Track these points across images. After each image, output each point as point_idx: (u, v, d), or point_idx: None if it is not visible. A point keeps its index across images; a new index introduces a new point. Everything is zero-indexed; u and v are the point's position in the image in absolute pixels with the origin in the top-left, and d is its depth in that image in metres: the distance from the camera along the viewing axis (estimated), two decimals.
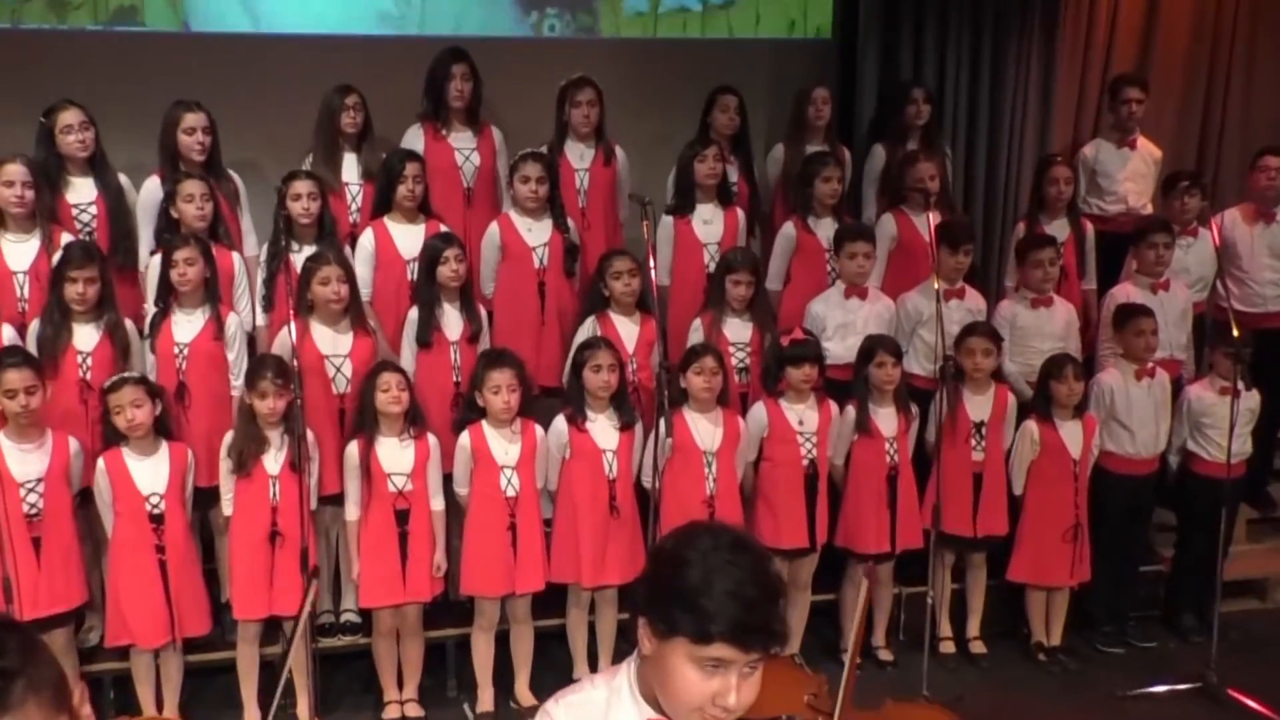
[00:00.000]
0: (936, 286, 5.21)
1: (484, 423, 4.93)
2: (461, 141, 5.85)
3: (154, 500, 4.70)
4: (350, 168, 5.71)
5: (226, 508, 4.86)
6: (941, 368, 5.13)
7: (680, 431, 5.02)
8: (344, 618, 5.27)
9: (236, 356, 5.04)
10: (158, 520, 4.70)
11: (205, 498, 4.95)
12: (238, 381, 5.00)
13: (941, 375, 5.12)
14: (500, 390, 4.85)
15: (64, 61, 5.96)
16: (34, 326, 4.93)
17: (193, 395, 4.97)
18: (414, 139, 5.84)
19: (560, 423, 5.03)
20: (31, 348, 4.84)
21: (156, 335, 4.98)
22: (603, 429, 5.01)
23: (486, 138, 5.90)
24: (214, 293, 5.05)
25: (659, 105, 6.50)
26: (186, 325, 4.99)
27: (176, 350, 4.96)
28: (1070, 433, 5.35)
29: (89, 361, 4.89)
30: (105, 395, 4.67)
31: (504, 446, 4.92)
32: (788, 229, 5.84)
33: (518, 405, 4.90)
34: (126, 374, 4.73)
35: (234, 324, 5.07)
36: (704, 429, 5.04)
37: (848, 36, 6.78)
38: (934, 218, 5.47)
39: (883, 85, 6.48)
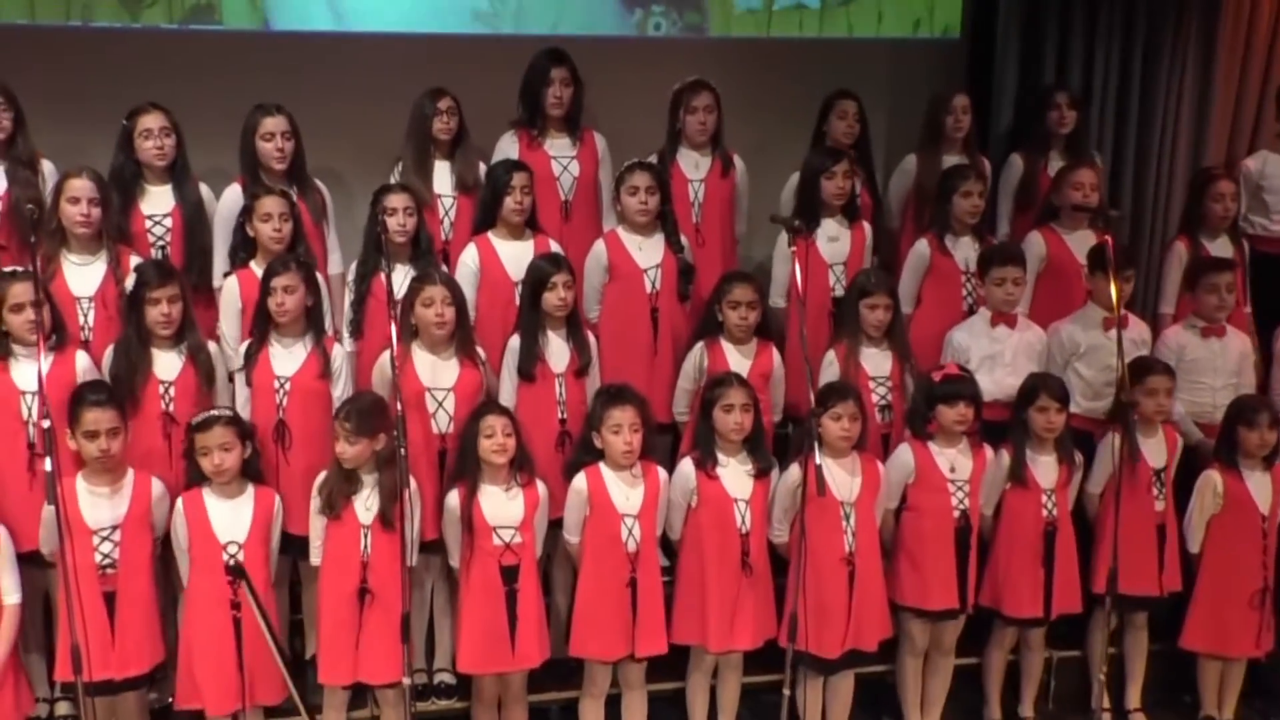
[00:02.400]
0: (1114, 312, 4.60)
1: (602, 465, 4.41)
2: (559, 150, 5.35)
3: (232, 550, 4.22)
4: (443, 178, 5.22)
5: (315, 556, 4.37)
6: (1120, 408, 4.53)
7: (815, 481, 4.46)
8: (438, 678, 4.75)
9: (343, 391, 4.55)
10: (237, 573, 4.18)
11: (301, 545, 4.46)
12: None
13: (1120, 417, 4.52)
14: (622, 430, 4.33)
15: (136, 62, 5.55)
16: (107, 357, 4.46)
17: (293, 434, 4.48)
18: (507, 147, 5.35)
19: (686, 466, 4.49)
20: (109, 377, 4.39)
21: (252, 368, 4.49)
22: (735, 475, 4.47)
23: (588, 145, 5.39)
24: (317, 322, 4.57)
25: (768, 110, 5.97)
26: (287, 358, 4.50)
27: (276, 385, 4.47)
28: (1259, 485, 4.74)
29: (172, 392, 4.42)
30: (191, 432, 4.21)
31: (625, 492, 4.39)
32: (921, 248, 5.28)
33: (640, 447, 4.37)
34: (218, 411, 4.26)
35: (339, 357, 4.58)
36: (840, 477, 4.48)
37: (978, 36, 6.23)
38: (1090, 235, 4.91)
39: (1021, 89, 5.90)
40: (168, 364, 4.43)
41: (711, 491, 4.46)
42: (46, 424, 3.66)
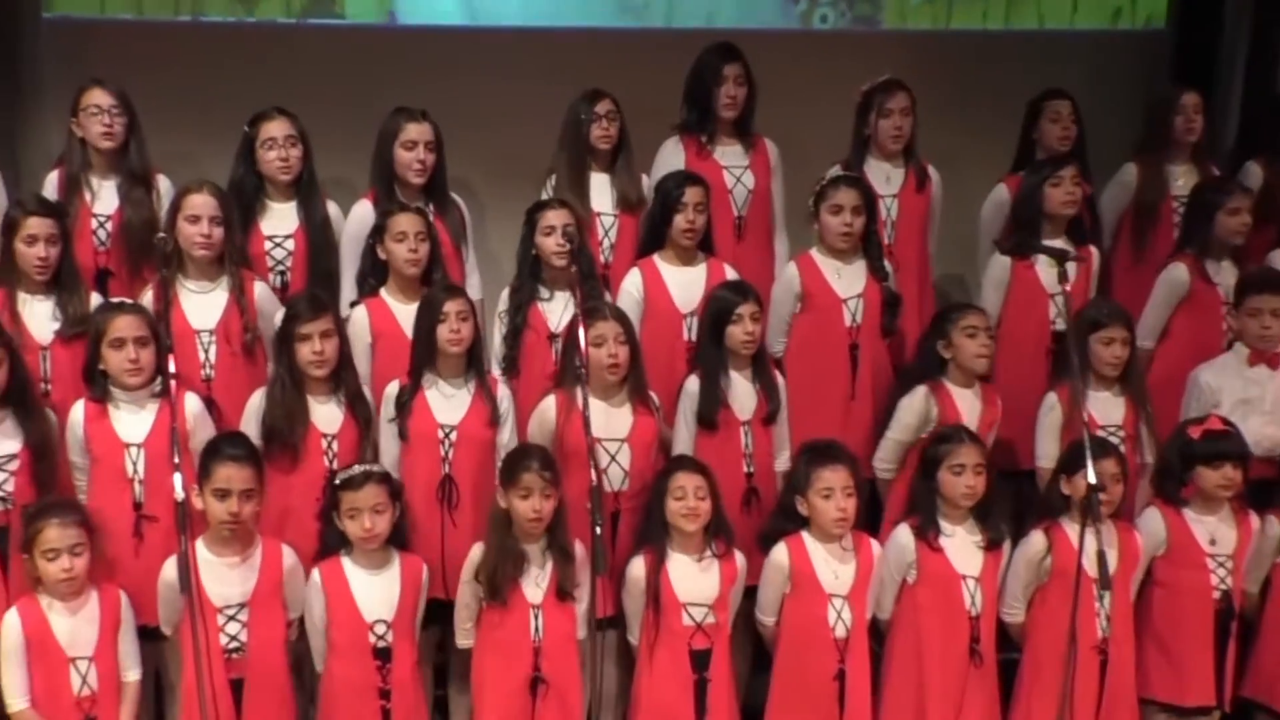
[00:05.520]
0: None
1: (805, 535, 3.76)
2: (731, 159, 4.70)
3: (379, 630, 3.62)
4: (602, 193, 4.58)
5: (463, 639, 3.77)
6: None
7: (1063, 552, 3.78)
8: None
9: (509, 439, 3.93)
10: (383, 656, 3.63)
11: (444, 612, 3.84)
12: None
13: None
14: (833, 494, 3.68)
15: (250, 61, 5.07)
16: (254, 404, 3.87)
17: (461, 492, 3.86)
18: (671, 156, 4.71)
19: (904, 536, 3.82)
20: (249, 430, 3.80)
21: (408, 416, 3.87)
22: (962, 547, 3.80)
23: (760, 153, 4.74)
24: (479, 361, 3.96)
25: (951, 113, 5.27)
26: (449, 403, 3.88)
27: (441, 435, 3.85)
28: None
29: (335, 446, 3.83)
30: (338, 491, 3.62)
31: (833, 568, 3.74)
32: (1177, 274, 4.54)
33: (855, 515, 3.71)
34: (369, 467, 3.67)
35: (506, 399, 3.96)
36: (1090, 548, 3.77)
37: (1187, 27, 5.49)
38: None
39: (1250, 88, 5.15)
40: (328, 413, 3.85)
41: (934, 566, 3.78)
42: (180, 495, 3.06)
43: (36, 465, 3.67)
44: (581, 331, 3.41)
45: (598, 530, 3.18)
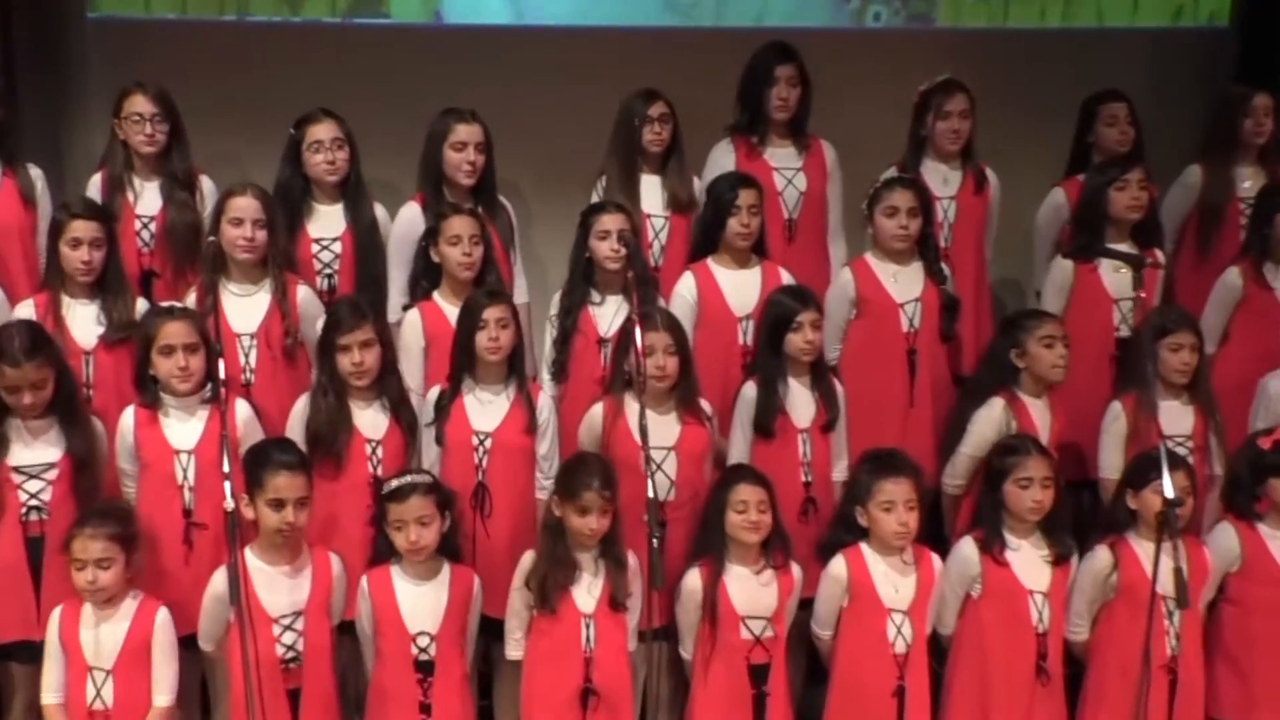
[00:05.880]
0: None
1: (864, 547, 3.65)
2: (783, 160, 4.59)
3: (422, 642, 3.54)
4: (652, 195, 4.49)
5: (513, 650, 3.68)
6: None
7: (1130, 568, 3.66)
8: None
9: (549, 448, 3.84)
10: (425, 669, 3.54)
11: (498, 627, 3.75)
12: (548, 481, 3.80)
13: None
14: (895, 507, 3.57)
15: (295, 61, 5.01)
16: (298, 410, 3.80)
17: (495, 501, 3.77)
18: (722, 157, 4.61)
19: (968, 549, 3.70)
20: (294, 436, 3.73)
21: (445, 421, 3.79)
22: (1029, 562, 3.67)
23: (815, 155, 4.63)
24: (520, 367, 3.86)
25: (1007, 113, 5.14)
26: (486, 409, 3.79)
27: (476, 442, 3.77)
28: None
29: (379, 453, 3.75)
30: (385, 501, 3.54)
31: (894, 581, 3.63)
32: (1230, 277, 4.42)
33: (916, 528, 3.60)
34: (415, 478, 3.57)
35: (546, 407, 3.86)
36: (1164, 565, 3.62)
37: (1252, 25, 5.34)
38: None
39: None
40: (371, 420, 3.77)
41: (1000, 581, 3.66)
42: (230, 505, 2.98)
43: (77, 476, 3.60)
44: (639, 335, 3.31)
45: (654, 543, 3.07)
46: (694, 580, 3.61)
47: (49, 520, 3.58)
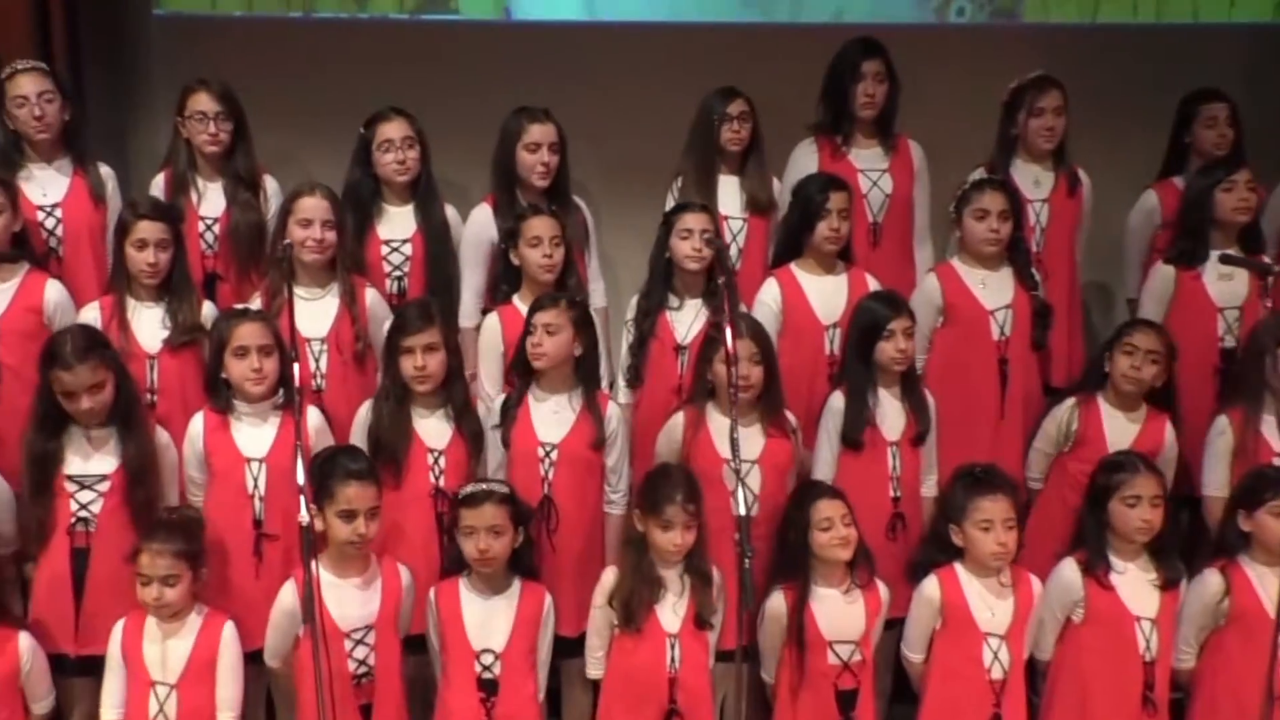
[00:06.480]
0: None
1: (959, 567, 3.47)
2: (868, 161, 4.41)
3: (486, 660, 3.41)
4: (730, 196, 4.32)
5: (594, 669, 3.54)
6: None
7: (1243, 594, 3.45)
8: None
9: (617, 461, 3.69)
10: (489, 688, 3.41)
11: (565, 646, 3.62)
12: (616, 495, 3.66)
13: None
14: (993, 527, 3.39)
15: (361, 59, 4.87)
16: (361, 416, 3.68)
17: (562, 514, 3.63)
18: (805, 158, 4.44)
19: (1070, 572, 3.51)
20: (358, 444, 3.62)
21: (512, 426, 3.65)
22: (1136, 586, 3.48)
23: (902, 155, 4.45)
24: (588, 375, 3.71)
25: (1098, 113, 4.92)
26: (554, 419, 3.64)
27: (542, 452, 3.63)
28: None
29: (442, 463, 3.61)
30: (458, 506, 3.41)
31: (990, 604, 3.44)
32: None
33: (1015, 548, 3.41)
34: (492, 485, 3.45)
35: (615, 418, 3.71)
36: (1273, 589, 3.43)
37: None
38: None
39: None
40: (435, 429, 3.64)
41: (1105, 606, 3.47)
42: (305, 519, 2.85)
43: (130, 488, 3.48)
44: (730, 340, 3.15)
45: (746, 563, 2.91)
46: (778, 603, 3.45)
47: (95, 533, 3.47)
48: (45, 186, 4.09)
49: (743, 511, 2.91)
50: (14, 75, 4.06)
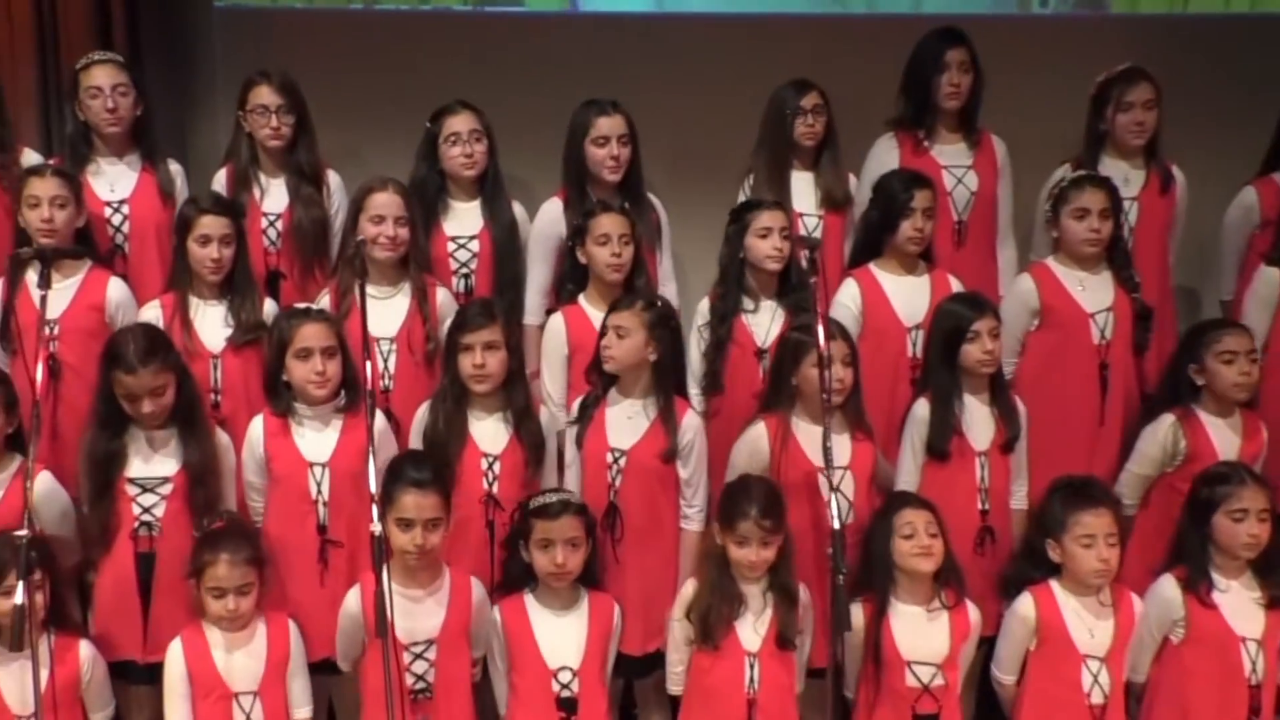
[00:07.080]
0: None
1: (1055, 585, 3.30)
2: (952, 157, 4.23)
3: (564, 677, 3.28)
4: (804, 192, 4.17)
5: (674, 685, 3.40)
6: None
7: None
8: None
9: (693, 474, 3.53)
10: (568, 707, 3.28)
11: (627, 665, 3.49)
12: (692, 509, 3.51)
13: None
14: (1095, 543, 3.22)
15: (425, 50, 4.76)
16: (420, 417, 3.55)
17: (628, 524, 3.48)
18: (885, 154, 4.27)
19: (1169, 589, 3.33)
20: (416, 444, 3.51)
21: (587, 426, 3.52)
22: (1240, 605, 3.30)
23: (986, 151, 4.27)
24: (663, 380, 3.55)
25: (1188, 107, 4.71)
26: (626, 425, 3.50)
27: (611, 458, 3.49)
28: None
29: (496, 468, 3.47)
30: (531, 517, 3.27)
31: (1088, 624, 3.27)
32: None
33: (1118, 566, 3.23)
34: (569, 496, 3.33)
35: (692, 429, 3.54)
36: None
37: None
38: None
39: None
40: (490, 432, 3.50)
41: (1207, 625, 3.29)
42: (377, 529, 2.73)
43: (192, 490, 3.38)
44: (823, 342, 2.99)
45: (840, 580, 2.75)
46: (856, 617, 3.26)
47: (160, 537, 3.37)
48: (113, 182, 4.02)
49: (837, 525, 2.76)
50: (89, 66, 3.99)
